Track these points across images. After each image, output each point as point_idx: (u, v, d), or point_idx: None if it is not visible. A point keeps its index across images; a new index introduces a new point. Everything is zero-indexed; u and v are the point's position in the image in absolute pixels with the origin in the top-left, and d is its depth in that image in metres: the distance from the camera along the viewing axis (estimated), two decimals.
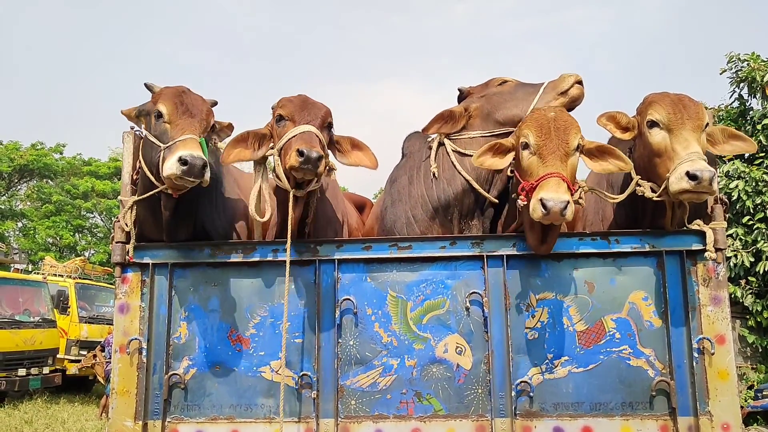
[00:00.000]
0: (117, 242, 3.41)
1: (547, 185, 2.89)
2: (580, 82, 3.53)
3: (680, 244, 3.24)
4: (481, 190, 3.55)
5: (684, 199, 3.01)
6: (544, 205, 2.81)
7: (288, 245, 3.20)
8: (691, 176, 2.85)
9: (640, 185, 3.18)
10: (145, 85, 3.50)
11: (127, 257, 3.38)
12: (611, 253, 3.26)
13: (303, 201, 3.32)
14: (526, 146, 3.09)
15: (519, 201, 3.07)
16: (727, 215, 3.33)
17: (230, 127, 3.68)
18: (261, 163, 3.42)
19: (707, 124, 3.13)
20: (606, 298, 3.24)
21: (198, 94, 3.44)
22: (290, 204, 3.19)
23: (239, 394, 3.28)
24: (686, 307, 3.18)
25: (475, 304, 3.27)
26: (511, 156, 3.24)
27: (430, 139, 3.81)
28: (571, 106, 3.50)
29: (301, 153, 2.99)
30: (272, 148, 3.31)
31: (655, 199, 3.12)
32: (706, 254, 3.14)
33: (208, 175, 3.11)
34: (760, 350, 11.64)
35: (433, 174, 3.64)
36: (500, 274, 3.28)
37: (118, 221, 3.44)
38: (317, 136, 3.16)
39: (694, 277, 3.21)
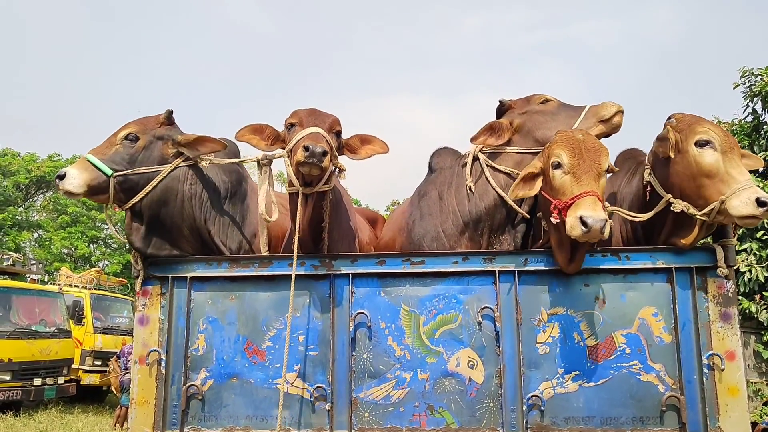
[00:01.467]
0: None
1: (585, 203, 2.92)
2: (622, 112, 3.60)
3: (690, 260, 3.28)
4: (514, 205, 3.61)
5: (744, 224, 3.07)
6: (584, 223, 2.85)
7: (295, 239, 3.27)
8: (761, 203, 2.93)
9: (676, 203, 3.19)
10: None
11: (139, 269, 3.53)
12: (622, 269, 3.31)
13: (313, 201, 3.40)
14: (558, 165, 3.13)
15: (552, 219, 3.10)
16: (736, 232, 3.37)
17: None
18: (266, 165, 3.58)
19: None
20: (616, 313, 3.29)
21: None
22: (299, 201, 3.29)
23: (255, 405, 3.35)
24: (696, 323, 3.21)
25: (487, 318, 3.32)
26: (540, 181, 3.29)
27: (464, 154, 3.88)
28: (609, 133, 3.58)
29: (306, 148, 3.11)
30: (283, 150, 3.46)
31: (698, 217, 3.12)
32: (718, 270, 3.17)
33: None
34: None
35: (469, 188, 3.72)
36: (512, 289, 3.33)
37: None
38: (324, 137, 3.28)
39: (704, 294, 3.25)
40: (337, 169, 3.47)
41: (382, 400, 3.30)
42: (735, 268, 3.28)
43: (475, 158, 3.79)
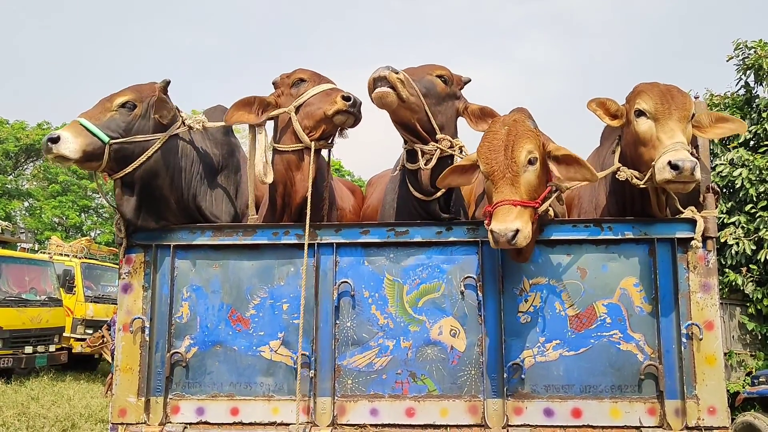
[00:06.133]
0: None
1: (497, 215, 2.91)
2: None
3: (671, 231, 3.29)
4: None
5: (669, 189, 3.07)
6: (493, 236, 2.88)
7: (309, 201, 3.31)
8: (673, 166, 2.90)
9: (622, 172, 3.23)
10: None
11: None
12: (604, 240, 3.32)
13: (318, 158, 3.39)
14: (480, 171, 3.13)
15: (485, 225, 3.08)
16: (719, 203, 3.38)
17: None
18: (261, 125, 3.53)
19: (693, 114, 3.18)
20: (598, 283, 3.31)
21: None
22: (311, 158, 3.32)
23: (239, 372, 3.37)
24: (676, 293, 3.24)
25: (470, 288, 3.34)
26: (477, 172, 3.24)
27: None
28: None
29: (347, 97, 3.11)
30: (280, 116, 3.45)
31: (641, 186, 3.17)
32: (692, 243, 3.18)
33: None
34: (760, 337, 11.70)
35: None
36: (495, 259, 3.35)
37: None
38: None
39: (684, 265, 3.27)
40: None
41: (365, 368, 3.33)
42: (716, 238, 3.30)
43: None
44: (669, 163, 2.91)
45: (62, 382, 11.76)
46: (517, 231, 2.85)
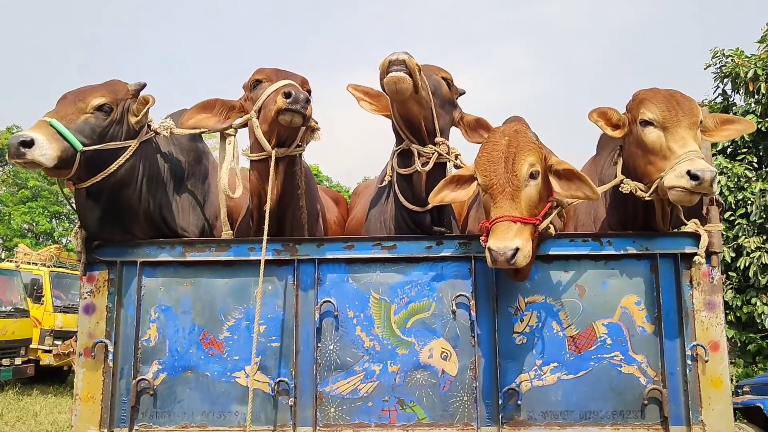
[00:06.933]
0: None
1: (495, 231, 2.70)
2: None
3: (674, 246, 3.11)
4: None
5: (673, 199, 2.86)
6: (491, 254, 2.66)
7: (267, 215, 3.02)
8: (693, 176, 2.71)
9: (625, 184, 3.04)
10: None
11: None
12: (603, 255, 3.12)
13: (284, 167, 3.15)
14: (478, 183, 2.92)
15: (481, 242, 2.88)
16: (722, 217, 3.21)
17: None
18: (232, 134, 3.24)
19: (701, 120, 3.00)
20: (597, 302, 3.11)
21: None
22: (272, 167, 3.03)
23: (212, 400, 3.10)
24: (680, 312, 3.06)
25: (462, 307, 3.12)
26: (474, 185, 3.03)
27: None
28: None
29: (288, 94, 2.85)
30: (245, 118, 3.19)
31: (646, 198, 2.98)
32: (695, 258, 3.00)
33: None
34: (739, 345, 11.71)
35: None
36: (489, 275, 3.13)
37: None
38: (300, 88, 3.03)
39: (688, 281, 3.09)
40: (311, 130, 3.22)
41: (350, 395, 3.08)
42: (720, 254, 3.13)
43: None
44: (688, 172, 2.72)
45: (29, 397, 11.32)
46: (517, 249, 2.63)
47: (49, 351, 12.35)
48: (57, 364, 12.53)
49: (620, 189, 3.07)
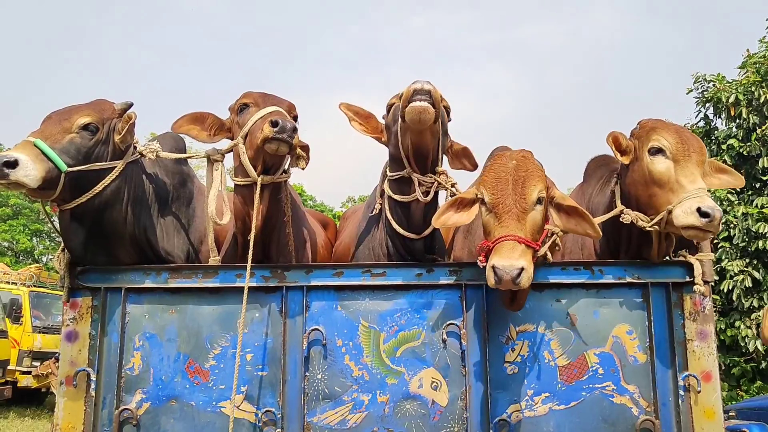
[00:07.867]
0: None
1: (500, 250, 2.67)
2: None
3: (666, 275, 3.09)
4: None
5: (688, 236, 2.86)
6: (495, 272, 2.63)
7: (252, 236, 3.00)
8: (703, 213, 2.71)
9: (626, 215, 3.03)
10: None
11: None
12: (595, 284, 3.10)
13: (269, 194, 3.12)
14: (483, 202, 2.90)
15: (478, 262, 2.85)
16: (712, 246, 3.21)
17: None
18: (219, 160, 3.20)
19: (705, 160, 3.01)
20: (589, 331, 3.08)
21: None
22: (257, 195, 3.00)
23: (196, 430, 3.02)
24: (672, 342, 3.03)
25: (453, 336, 3.08)
26: (476, 209, 3.00)
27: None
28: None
29: (275, 123, 2.83)
30: (233, 141, 3.16)
31: (647, 228, 2.97)
32: (694, 287, 2.99)
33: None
34: (723, 368, 11.73)
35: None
36: (480, 303, 3.09)
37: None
38: (287, 116, 3.02)
39: (680, 311, 3.07)
40: (297, 158, 3.18)
41: (338, 425, 3.02)
42: (711, 283, 3.12)
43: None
44: (699, 209, 2.72)
45: (5, 420, 11.05)
46: (522, 269, 2.60)
47: (28, 372, 12.07)
48: (36, 386, 12.24)
49: (621, 219, 3.05)
